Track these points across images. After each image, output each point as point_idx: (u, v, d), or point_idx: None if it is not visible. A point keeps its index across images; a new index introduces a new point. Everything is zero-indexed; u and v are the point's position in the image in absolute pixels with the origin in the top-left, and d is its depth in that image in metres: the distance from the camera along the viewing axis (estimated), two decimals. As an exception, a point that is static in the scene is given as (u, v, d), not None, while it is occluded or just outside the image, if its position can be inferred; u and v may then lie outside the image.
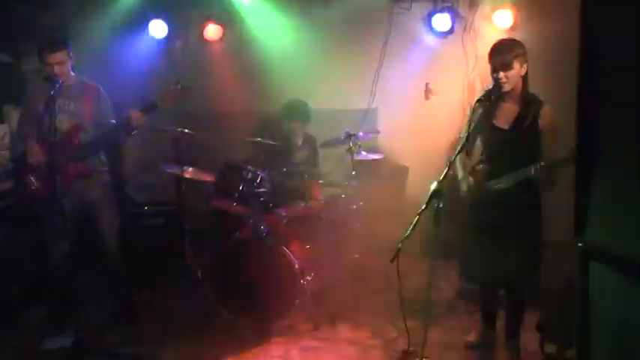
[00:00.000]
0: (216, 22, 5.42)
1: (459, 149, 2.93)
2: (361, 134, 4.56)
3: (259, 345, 3.59)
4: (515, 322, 3.34)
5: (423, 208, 2.73)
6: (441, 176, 2.76)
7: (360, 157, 4.61)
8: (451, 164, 2.86)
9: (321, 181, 4.59)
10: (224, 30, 5.46)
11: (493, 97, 3.07)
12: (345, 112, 5.37)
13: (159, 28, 5.41)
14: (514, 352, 3.34)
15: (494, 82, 3.06)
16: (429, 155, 4.94)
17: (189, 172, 4.26)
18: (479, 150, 3.29)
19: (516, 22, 4.83)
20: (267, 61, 5.36)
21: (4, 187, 4.27)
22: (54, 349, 3.53)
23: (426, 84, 5.29)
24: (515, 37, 3.35)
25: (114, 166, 4.12)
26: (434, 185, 2.73)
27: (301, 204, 4.20)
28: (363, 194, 4.61)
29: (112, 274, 3.88)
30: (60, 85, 3.44)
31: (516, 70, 3.03)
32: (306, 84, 5.20)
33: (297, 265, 3.71)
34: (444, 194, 2.72)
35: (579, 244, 1.74)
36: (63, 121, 3.58)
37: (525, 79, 3.10)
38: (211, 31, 5.44)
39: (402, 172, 5.44)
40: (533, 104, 3.08)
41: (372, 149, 5.14)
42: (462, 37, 5.06)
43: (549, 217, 3.19)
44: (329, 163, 5.20)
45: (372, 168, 5.07)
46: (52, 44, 3.56)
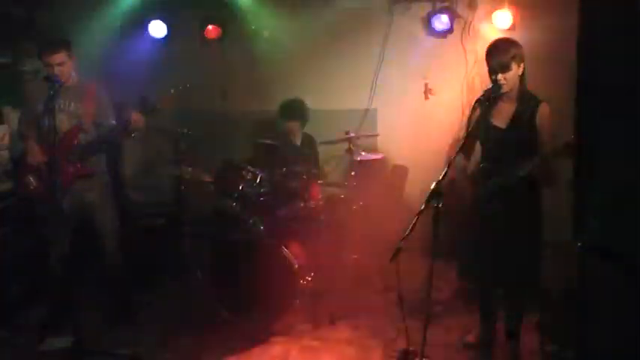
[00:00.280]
0: (216, 22, 5.42)
1: (458, 149, 2.93)
2: (360, 136, 4.57)
3: (259, 345, 3.60)
4: (515, 322, 3.34)
5: (422, 208, 2.73)
6: (441, 176, 2.76)
7: (360, 158, 4.61)
8: (450, 164, 2.85)
9: (321, 182, 4.59)
10: (223, 30, 5.46)
11: (492, 97, 3.07)
12: (345, 113, 5.36)
13: (158, 28, 5.41)
14: (514, 352, 3.34)
15: (492, 84, 3.07)
16: (428, 155, 4.94)
17: (188, 173, 4.27)
18: (479, 150, 3.30)
19: (515, 21, 4.83)
20: (267, 61, 5.37)
21: (3, 187, 4.27)
22: (54, 349, 3.53)
23: (426, 84, 5.29)
24: (515, 37, 3.35)
25: (113, 167, 4.12)
26: (433, 185, 2.73)
27: (301, 204, 4.20)
28: (362, 194, 4.61)
29: (111, 274, 3.88)
30: (60, 86, 3.44)
31: (514, 71, 3.03)
32: (306, 84, 5.21)
33: (296, 265, 3.72)
34: (443, 194, 2.72)
35: (579, 243, 1.74)
36: (63, 122, 3.59)
37: (523, 77, 3.10)
38: (211, 31, 5.44)
39: (402, 172, 5.43)
40: (530, 102, 3.08)
41: (372, 149, 5.15)
42: (461, 37, 5.05)
43: (549, 216, 3.19)
44: (329, 163, 5.20)
45: (372, 168, 5.07)
46: (52, 45, 3.56)
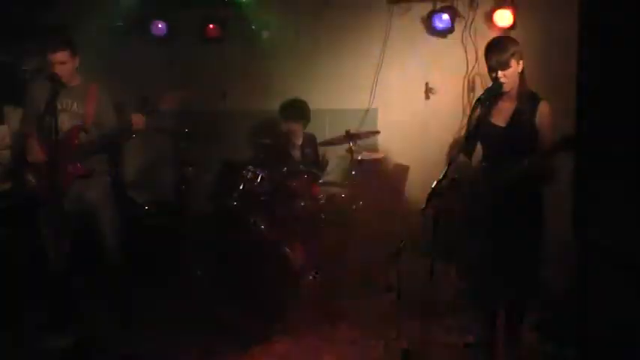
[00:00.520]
0: (216, 22, 5.42)
1: (459, 149, 2.93)
2: (361, 134, 4.56)
3: (259, 344, 3.59)
4: (515, 322, 3.33)
5: (423, 207, 2.73)
6: (441, 176, 2.75)
7: (360, 157, 4.61)
8: (451, 164, 2.85)
9: (321, 181, 4.59)
10: (224, 29, 5.46)
11: (493, 95, 3.07)
12: (346, 112, 5.36)
13: (159, 27, 5.41)
14: (514, 352, 3.33)
15: (493, 82, 3.06)
16: (429, 155, 4.93)
17: (189, 172, 4.27)
18: (480, 149, 3.29)
19: (516, 20, 4.82)
20: (267, 61, 5.37)
21: (4, 187, 4.27)
22: (54, 349, 3.53)
23: (426, 83, 5.28)
24: (516, 36, 3.35)
25: (114, 167, 4.12)
26: (434, 184, 2.73)
27: (301, 204, 4.20)
28: (363, 194, 4.61)
29: (112, 274, 3.88)
30: (62, 85, 3.44)
31: (514, 68, 3.02)
32: (306, 84, 5.21)
33: (297, 265, 3.72)
34: (443, 194, 2.72)
35: (578, 242, 1.74)
36: (64, 122, 3.59)
37: (522, 75, 3.09)
38: (211, 31, 5.44)
39: (402, 171, 5.43)
40: (529, 100, 3.07)
41: (373, 149, 5.15)
42: (461, 37, 5.05)
43: (550, 216, 3.18)
44: (329, 162, 5.20)
45: (373, 168, 5.07)
46: (54, 43, 3.56)
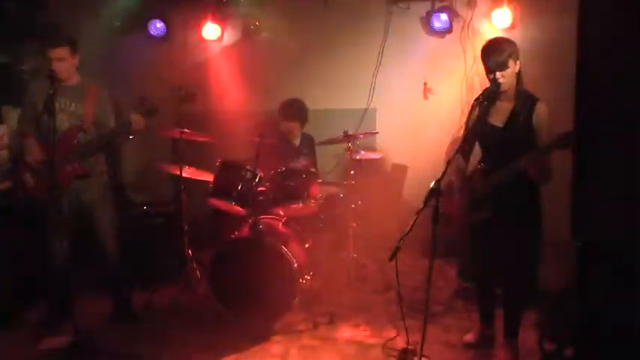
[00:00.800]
0: (215, 22, 5.42)
1: (457, 149, 2.93)
2: (360, 135, 4.56)
3: (258, 344, 3.60)
4: (514, 321, 3.34)
5: (421, 207, 2.73)
6: (440, 175, 2.76)
7: (359, 157, 4.62)
8: (449, 164, 2.86)
9: (320, 181, 4.59)
10: (222, 29, 5.46)
11: (491, 96, 3.08)
12: (344, 112, 5.37)
13: (158, 27, 5.41)
14: (513, 351, 3.34)
15: (491, 82, 3.07)
16: (427, 154, 4.94)
17: (188, 172, 4.27)
18: (479, 149, 3.29)
19: (515, 20, 4.83)
20: (266, 61, 5.37)
21: (2, 187, 4.27)
22: (54, 348, 3.53)
23: (425, 83, 5.30)
24: (514, 36, 3.36)
25: (113, 167, 4.11)
26: (432, 184, 2.74)
27: (300, 203, 4.20)
28: (361, 193, 4.62)
29: (111, 274, 3.88)
30: (61, 85, 3.44)
31: (511, 69, 3.03)
32: (305, 84, 5.21)
33: (295, 264, 3.72)
34: (442, 193, 2.73)
35: (578, 242, 1.75)
36: (63, 121, 3.59)
37: (519, 76, 3.10)
38: (210, 31, 5.44)
39: (401, 171, 5.44)
40: (527, 101, 3.08)
41: (371, 149, 5.16)
42: (460, 36, 5.06)
43: (548, 215, 3.19)
44: (328, 162, 5.20)
45: (371, 167, 5.08)
46: (54, 39, 3.57)
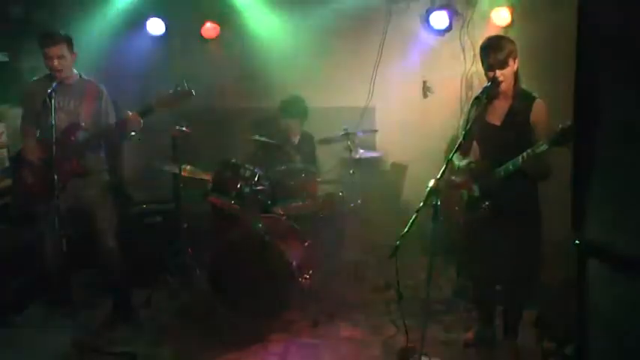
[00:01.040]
0: (214, 21, 5.41)
1: (455, 148, 2.93)
2: (359, 133, 4.56)
3: (258, 342, 3.60)
4: (514, 320, 3.34)
5: (421, 205, 2.73)
6: (439, 174, 2.76)
7: (358, 155, 4.61)
8: (449, 162, 2.85)
9: (319, 179, 4.59)
10: (221, 28, 5.46)
11: (490, 94, 3.07)
12: (343, 110, 5.36)
13: (156, 26, 5.40)
14: (512, 350, 3.35)
15: (490, 81, 3.06)
16: (427, 153, 4.93)
17: (187, 171, 4.26)
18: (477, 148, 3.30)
19: (514, 19, 4.82)
20: (265, 59, 5.36)
21: (1, 185, 4.27)
22: (53, 348, 3.52)
23: (424, 82, 5.29)
24: (513, 35, 3.36)
25: (112, 165, 4.11)
26: (432, 183, 2.74)
27: (299, 202, 4.21)
28: (361, 192, 4.61)
29: (110, 272, 3.88)
30: (59, 83, 3.44)
31: (511, 67, 3.04)
32: (304, 82, 5.20)
33: (295, 263, 3.72)
34: (441, 192, 2.73)
35: (577, 241, 1.74)
36: (62, 119, 3.58)
37: (517, 74, 3.10)
38: (209, 30, 5.43)
39: (400, 169, 5.44)
40: (524, 99, 3.07)
41: (370, 147, 5.15)
42: (459, 35, 5.05)
43: (547, 214, 3.19)
44: (327, 161, 5.20)
45: (370, 166, 5.08)
46: (51, 37, 3.56)
